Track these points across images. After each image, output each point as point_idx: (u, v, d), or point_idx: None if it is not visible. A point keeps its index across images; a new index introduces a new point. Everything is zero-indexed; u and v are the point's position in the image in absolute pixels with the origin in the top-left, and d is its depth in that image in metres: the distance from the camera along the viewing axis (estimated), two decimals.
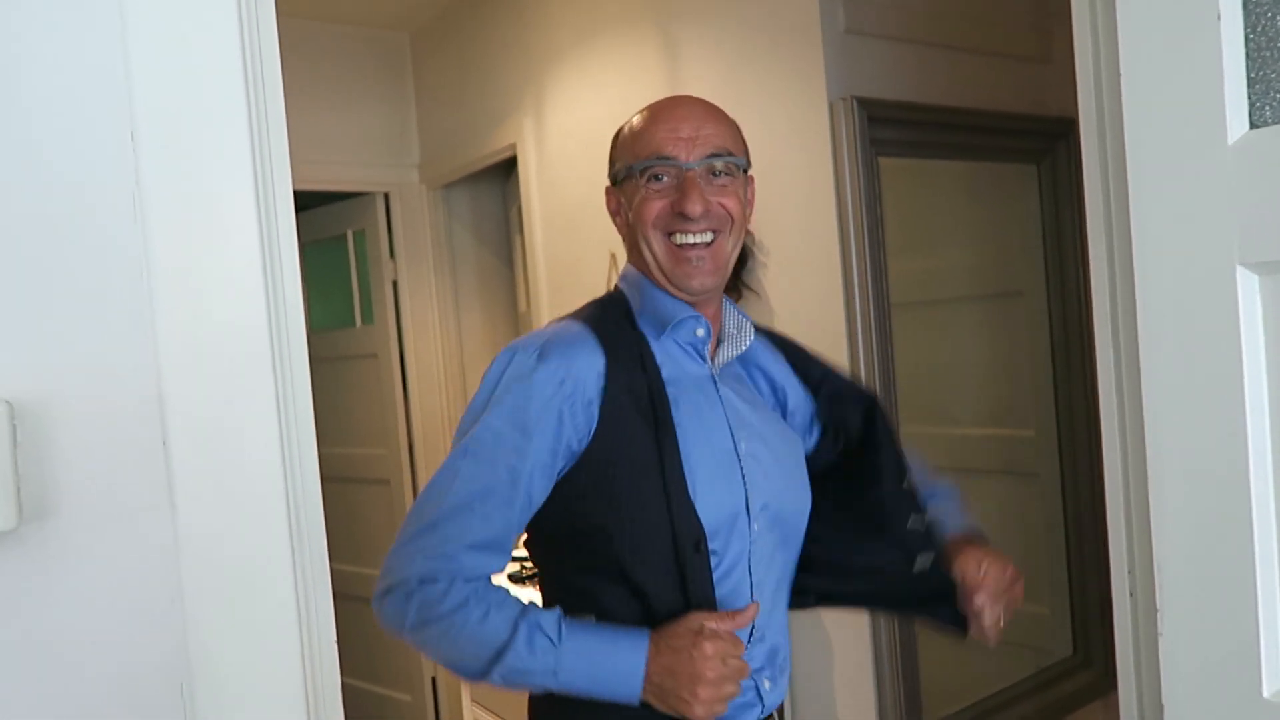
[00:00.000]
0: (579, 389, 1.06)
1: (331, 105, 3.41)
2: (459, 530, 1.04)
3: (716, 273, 1.13)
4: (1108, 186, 1.02)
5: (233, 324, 0.73)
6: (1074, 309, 2.42)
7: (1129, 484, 1.02)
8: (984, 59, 2.26)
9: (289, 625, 0.75)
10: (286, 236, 0.74)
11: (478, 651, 1.02)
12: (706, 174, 1.12)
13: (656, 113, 1.16)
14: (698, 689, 1.00)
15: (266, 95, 0.73)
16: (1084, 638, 2.44)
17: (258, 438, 0.75)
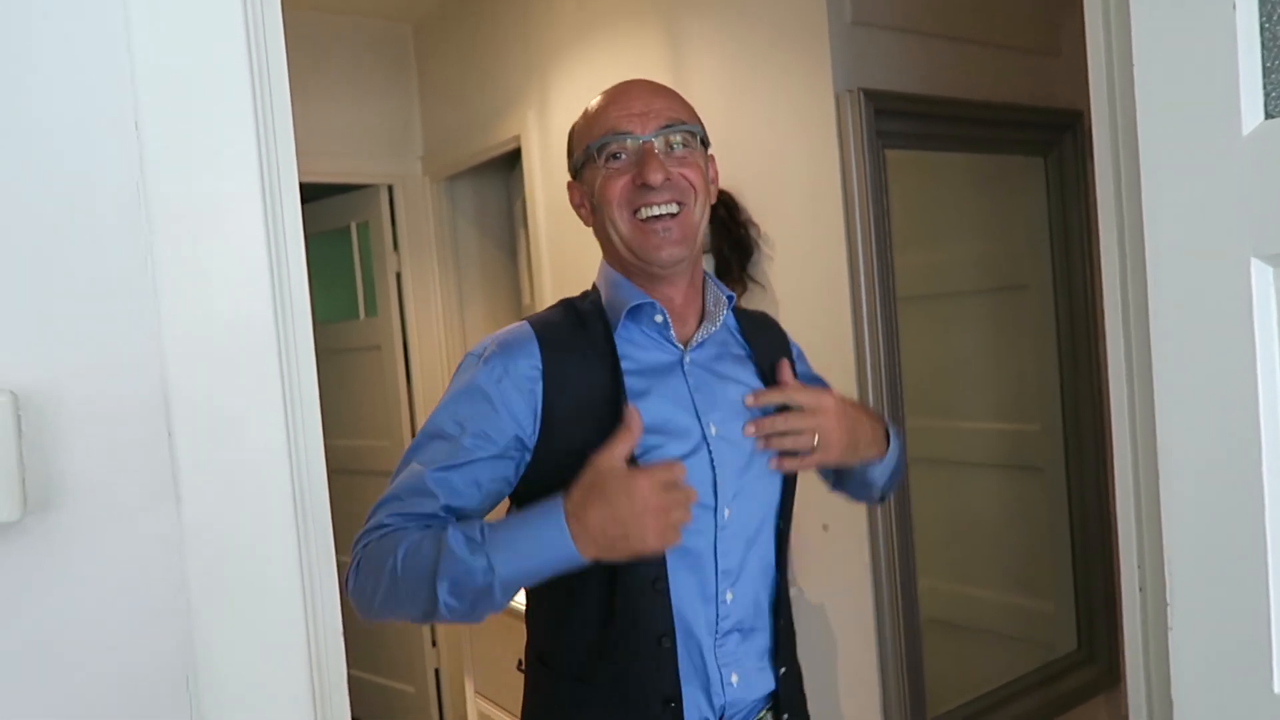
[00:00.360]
0: (517, 384, 1.11)
1: (334, 97, 3.40)
2: (395, 505, 1.09)
3: (685, 242, 1.14)
4: (1119, 178, 1.01)
5: (239, 315, 0.72)
6: (1080, 303, 2.41)
7: (1139, 478, 1.01)
8: (991, 51, 2.25)
9: (295, 618, 0.74)
10: (292, 226, 0.73)
11: (419, 577, 1.02)
12: (664, 146, 1.13)
13: (607, 96, 1.18)
14: (645, 520, 1.00)
15: (272, 84, 0.72)
16: (1088, 633, 2.44)
17: (264, 430, 0.74)
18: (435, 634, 3.62)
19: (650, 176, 1.10)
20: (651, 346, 1.17)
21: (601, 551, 1.02)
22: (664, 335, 1.17)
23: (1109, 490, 2.43)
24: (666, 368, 1.16)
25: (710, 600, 1.14)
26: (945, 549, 2.47)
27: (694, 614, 1.13)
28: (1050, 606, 2.50)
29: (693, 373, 1.16)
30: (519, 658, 2.26)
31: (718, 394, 1.17)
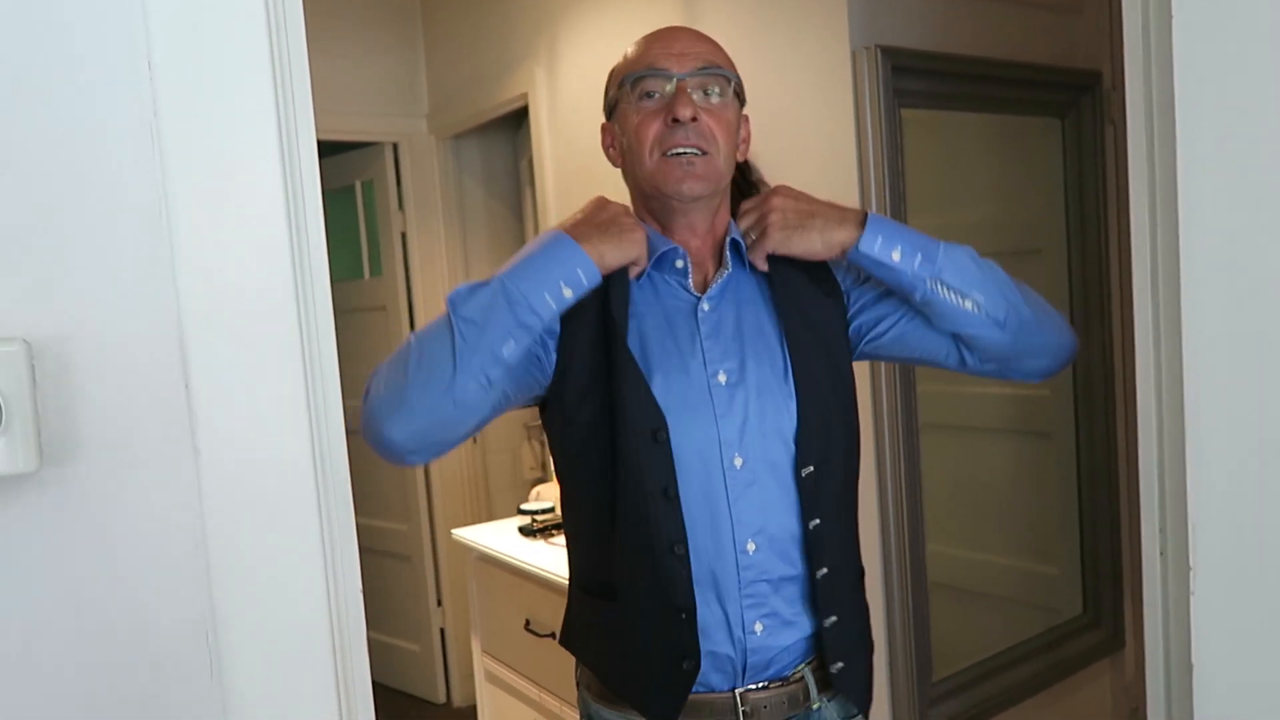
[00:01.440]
0: None
1: (340, 53, 3.35)
2: None
3: (706, 180, 1.15)
4: (1152, 136, 0.98)
5: (256, 265, 0.70)
6: (1094, 267, 2.38)
7: (1163, 442, 0.99)
8: (1011, 8, 2.20)
9: (314, 573, 0.74)
10: (310, 177, 0.71)
11: (436, 333, 1.05)
12: (698, 88, 1.15)
13: (648, 37, 1.21)
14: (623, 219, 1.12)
15: (288, 30, 0.70)
16: (1094, 598, 2.45)
17: (282, 382, 0.73)
18: (440, 593, 3.64)
19: (680, 110, 1.11)
20: (668, 293, 1.18)
21: (601, 238, 1.09)
22: (681, 283, 1.18)
23: (1117, 456, 2.43)
24: (682, 315, 1.17)
25: (729, 551, 1.14)
26: (953, 514, 2.46)
27: (714, 563, 1.14)
28: (1056, 571, 2.50)
29: (706, 320, 1.17)
30: (526, 617, 2.28)
31: (731, 342, 1.16)
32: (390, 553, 3.74)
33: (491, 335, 1.04)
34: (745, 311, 1.19)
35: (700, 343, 1.15)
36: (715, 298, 1.18)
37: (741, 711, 1.17)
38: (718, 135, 1.14)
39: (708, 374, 1.14)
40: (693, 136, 1.12)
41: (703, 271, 1.20)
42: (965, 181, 2.45)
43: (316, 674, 0.74)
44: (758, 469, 1.14)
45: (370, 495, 3.77)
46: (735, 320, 1.18)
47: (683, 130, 1.12)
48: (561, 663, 2.18)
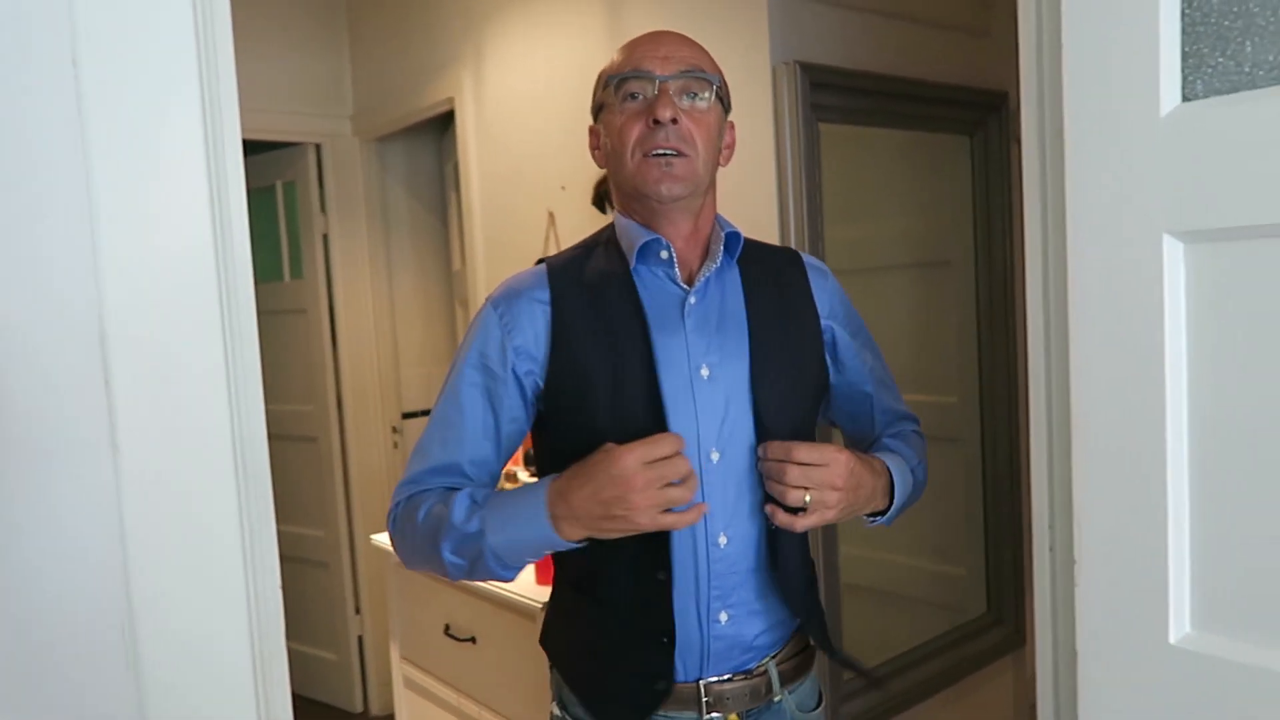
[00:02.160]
0: (518, 323, 1.18)
1: (262, 52, 3.30)
2: (428, 457, 1.20)
3: (685, 181, 1.16)
4: (1044, 155, 1.05)
5: (179, 257, 0.70)
6: (999, 280, 2.49)
7: (1053, 444, 1.06)
8: (924, 29, 2.29)
9: (234, 571, 0.74)
10: (235, 177, 0.72)
11: (432, 536, 1.13)
12: (680, 92, 1.16)
13: (635, 39, 1.21)
14: (630, 500, 1.03)
15: (216, 27, 0.70)
16: (997, 596, 2.55)
17: (205, 380, 0.73)
18: (359, 600, 3.59)
19: (660, 112, 1.13)
20: (657, 287, 1.20)
21: (590, 530, 1.07)
22: (669, 275, 1.20)
23: (1021, 461, 2.53)
24: (669, 307, 1.19)
25: (701, 543, 1.17)
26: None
27: (687, 554, 1.17)
28: (962, 572, 2.60)
29: (692, 314, 1.19)
30: (446, 622, 2.27)
31: (715, 336, 1.19)
32: (307, 559, 3.68)
33: (478, 574, 1.14)
34: (729, 305, 1.22)
35: (686, 336, 1.17)
36: (701, 291, 1.20)
37: (704, 702, 1.19)
38: (697, 138, 1.15)
39: (691, 368, 1.16)
40: (673, 138, 1.14)
41: (687, 266, 1.22)
42: (880, 195, 2.54)
43: (235, 670, 0.75)
44: (733, 463, 1.17)
45: (287, 501, 3.70)
46: (719, 314, 1.20)
47: (663, 131, 1.13)
48: (481, 666, 2.18)
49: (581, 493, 1.05)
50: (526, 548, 1.11)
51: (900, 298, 2.58)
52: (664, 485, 1.04)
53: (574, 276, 1.21)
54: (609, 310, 1.18)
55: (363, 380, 3.57)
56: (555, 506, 1.07)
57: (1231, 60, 0.86)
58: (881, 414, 1.37)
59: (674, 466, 1.05)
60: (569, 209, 2.55)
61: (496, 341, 1.18)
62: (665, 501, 1.04)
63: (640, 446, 1.04)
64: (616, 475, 1.03)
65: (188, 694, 0.72)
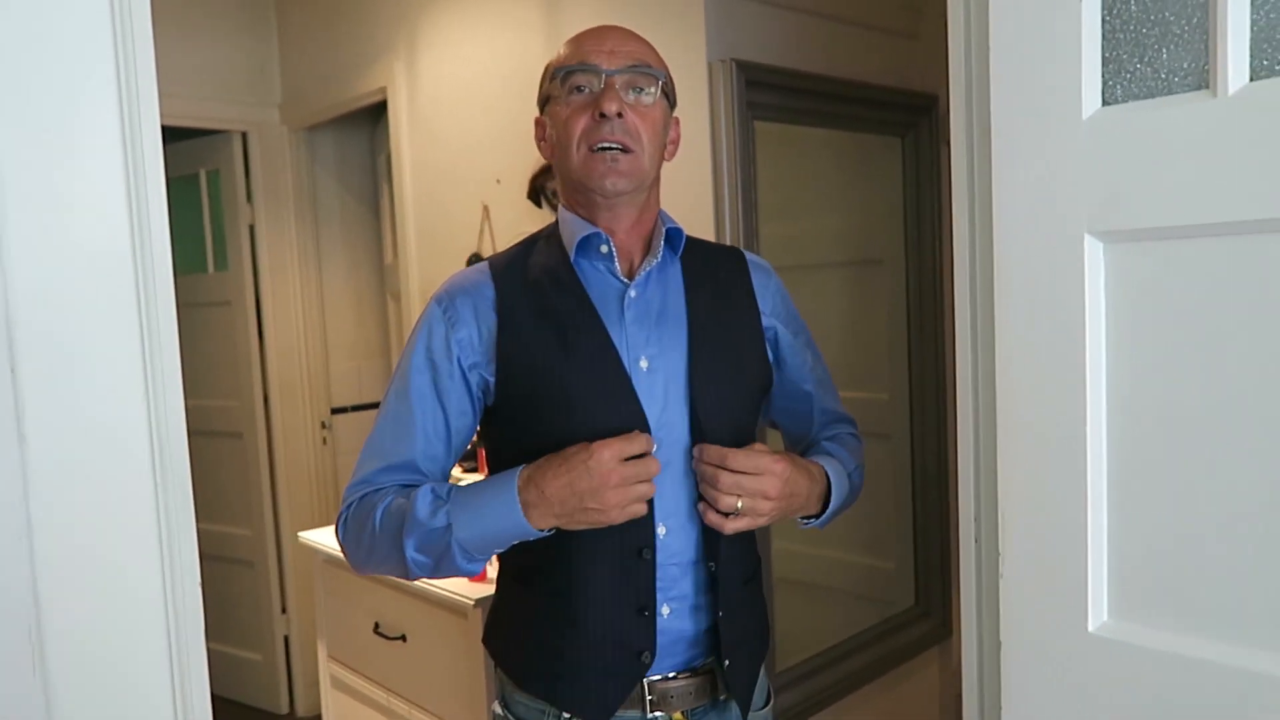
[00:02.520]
0: (462, 318, 1.18)
1: (185, 34, 3.19)
2: (380, 455, 1.19)
3: (629, 176, 1.16)
4: (972, 156, 1.07)
5: (92, 246, 0.67)
6: (929, 279, 2.54)
7: (979, 438, 1.08)
8: (857, 31, 2.32)
9: (150, 570, 0.71)
10: (152, 156, 0.69)
11: (393, 534, 1.12)
12: (626, 86, 1.16)
13: (582, 33, 1.21)
14: (604, 496, 1.06)
15: (133, 7, 0.67)
16: (925, 590, 2.60)
17: (118, 371, 0.70)
18: (285, 600, 3.51)
19: (606, 105, 1.13)
20: (597, 279, 1.20)
21: (561, 520, 1.08)
22: (609, 268, 1.20)
23: (949, 457, 2.59)
24: (609, 299, 1.19)
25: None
26: None
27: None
28: (891, 565, 2.65)
29: (632, 306, 1.19)
30: (375, 620, 2.24)
31: (655, 328, 1.19)
32: (232, 559, 3.58)
33: (442, 571, 1.13)
34: (670, 300, 1.22)
35: (625, 329, 1.18)
36: (642, 284, 1.20)
37: (648, 700, 1.19)
38: (643, 133, 1.16)
39: (630, 359, 1.17)
40: (618, 132, 1.14)
41: (628, 259, 1.23)
42: (813, 193, 2.57)
43: (150, 673, 0.72)
44: (672, 454, 1.17)
45: (211, 499, 3.60)
46: (660, 307, 1.21)
47: (608, 125, 1.13)
48: (411, 665, 2.15)
49: (556, 483, 1.07)
50: (496, 539, 1.11)
51: (833, 295, 2.61)
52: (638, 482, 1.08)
53: (517, 271, 1.22)
54: (553, 302, 1.18)
55: (291, 375, 3.49)
56: (526, 493, 1.08)
57: (1149, 66, 0.89)
58: (820, 414, 1.38)
59: (646, 466, 1.08)
60: (504, 202, 2.53)
61: (441, 337, 1.19)
62: (636, 497, 1.08)
63: (617, 443, 1.07)
64: (594, 468, 1.05)
65: (100, 699, 0.69)
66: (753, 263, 1.35)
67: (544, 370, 1.15)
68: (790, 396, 1.37)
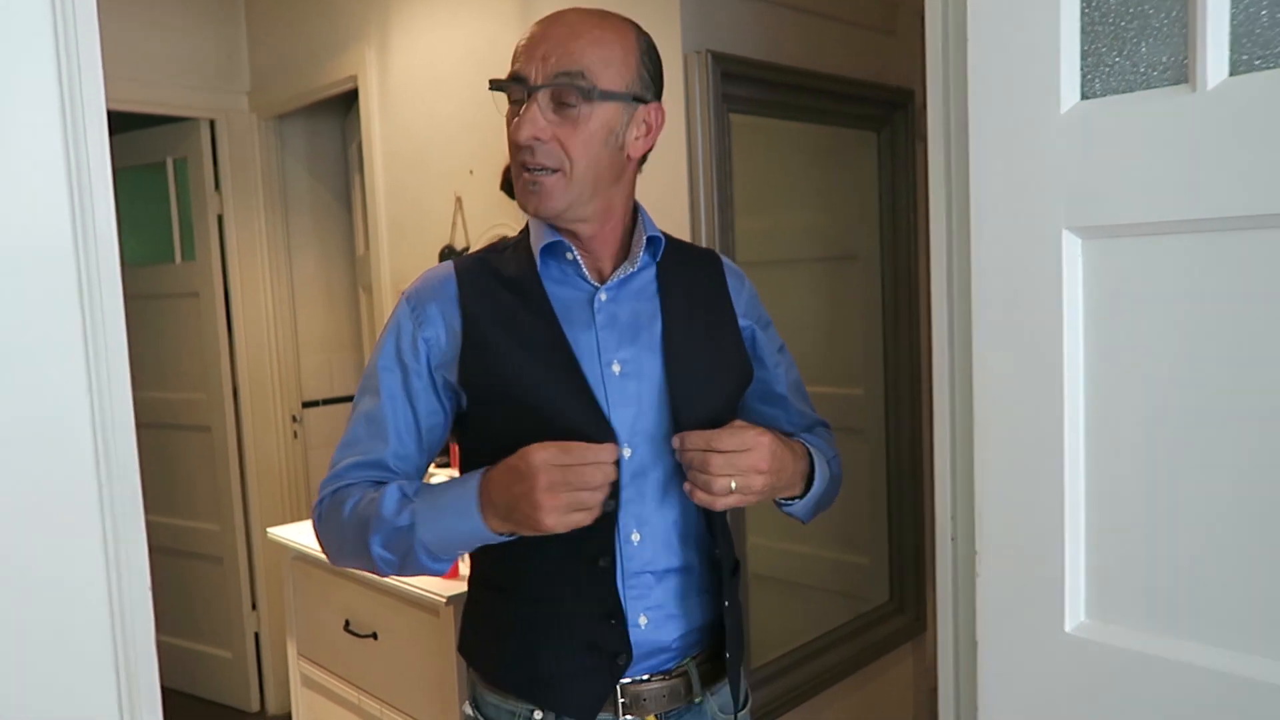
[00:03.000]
0: (429, 318, 1.17)
1: (154, 18, 3.13)
2: (353, 451, 1.18)
3: (557, 197, 1.11)
4: (949, 151, 1.06)
5: (30, 247, 0.64)
6: (904, 275, 2.53)
7: (956, 436, 1.07)
8: (833, 24, 2.31)
9: (94, 569, 0.68)
10: (96, 145, 0.66)
11: (360, 532, 1.11)
12: (550, 100, 1.09)
13: (533, 26, 1.14)
14: (536, 499, 1.01)
15: None
16: (899, 585, 2.60)
17: (59, 364, 0.66)
18: (255, 597, 3.46)
19: (516, 133, 1.08)
20: (566, 284, 1.18)
21: (508, 526, 1.06)
22: (577, 272, 1.17)
23: (923, 452, 2.59)
24: (578, 304, 1.17)
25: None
26: (772, 508, 2.56)
27: None
28: (866, 561, 2.65)
29: (603, 310, 1.17)
30: (346, 618, 2.20)
31: (628, 334, 1.17)
32: (200, 554, 3.53)
33: (408, 569, 1.12)
34: (645, 305, 1.19)
35: (596, 332, 1.15)
36: (614, 289, 1.17)
37: (620, 704, 1.17)
38: (570, 153, 1.08)
39: (602, 363, 1.14)
40: (539, 156, 1.08)
41: (598, 262, 1.19)
42: (789, 187, 2.55)
43: (95, 681, 0.69)
44: (645, 460, 1.15)
45: (179, 494, 3.54)
46: (632, 313, 1.18)
47: (528, 151, 1.08)
48: (382, 663, 2.12)
49: (498, 489, 1.05)
50: (457, 540, 1.10)
51: (808, 291, 2.60)
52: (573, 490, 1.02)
53: (481, 274, 1.19)
54: (517, 307, 1.16)
55: (260, 367, 3.44)
56: (482, 496, 1.07)
57: (1128, 60, 0.88)
58: (795, 417, 1.37)
59: (580, 474, 1.02)
60: (477, 194, 2.50)
61: (409, 336, 1.17)
62: (575, 504, 1.02)
63: (553, 448, 1.03)
64: (524, 471, 1.02)
65: (40, 704, 0.66)
66: (728, 267, 1.34)
67: (504, 375, 1.13)
68: (764, 399, 1.36)
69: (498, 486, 1.05)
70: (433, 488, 1.12)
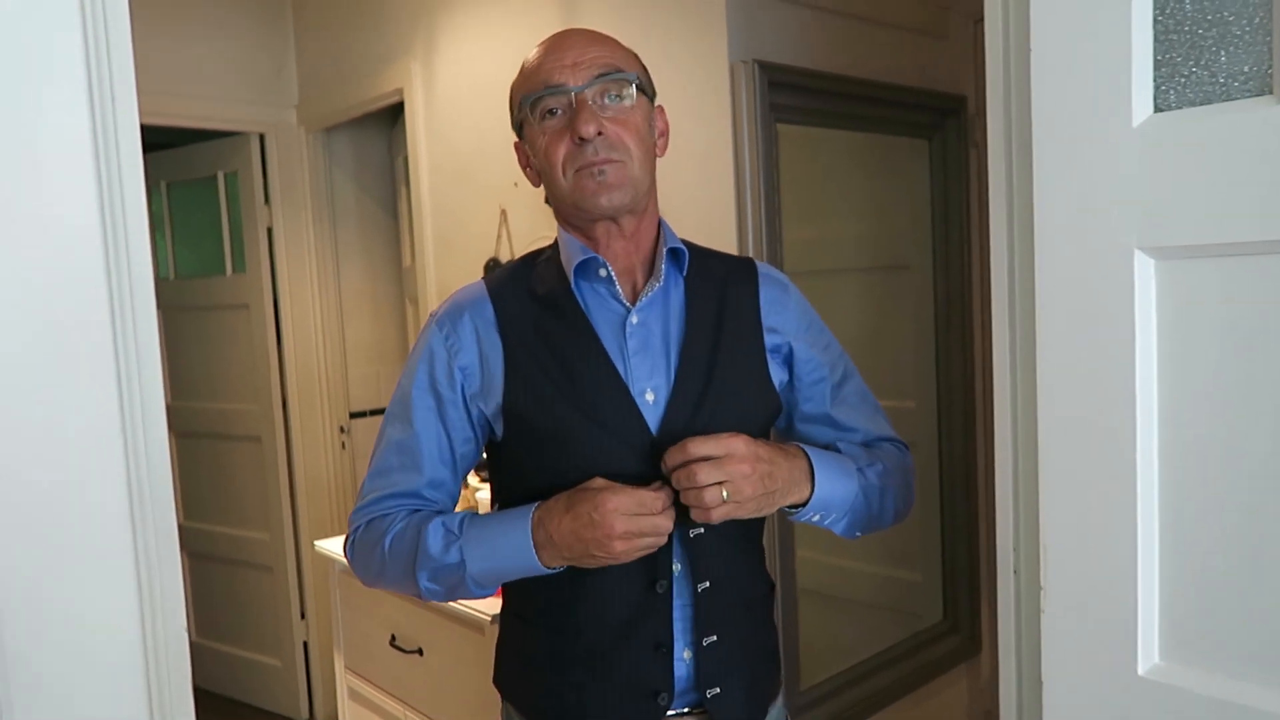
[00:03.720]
0: (463, 344, 1.15)
1: (205, 34, 3.17)
2: (386, 483, 1.17)
3: (622, 188, 1.11)
4: (1010, 163, 1.01)
5: (61, 269, 0.63)
6: (957, 285, 2.47)
7: (1018, 464, 1.02)
8: (882, 30, 2.26)
9: (127, 606, 0.66)
10: (131, 172, 0.64)
11: (405, 562, 1.11)
12: (599, 97, 1.10)
13: (542, 48, 1.15)
14: (609, 546, 1.03)
15: (106, 8, 0.62)
16: (953, 604, 2.53)
17: (90, 396, 0.65)
18: (304, 606, 3.49)
19: (583, 128, 1.07)
20: (599, 305, 1.15)
21: (569, 560, 1.07)
22: (610, 292, 1.15)
23: (976, 467, 2.52)
24: (611, 327, 1.14)
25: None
26: None
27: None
28: (918, 578, 2.58)
29: (634, 334, 1.13)
30: (391, 633, 2.20)
31: (659, 357, 1.14)
32: (251, 563, 3.57)
33: (455, 596, 1.13)
34: (672, 326, 1.16)
35: (628, 359, 1.13)
36: (644, 309, 1.15)
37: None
38: (627, 141, 1.10)
39: (635, 392, 1.12)
40: (601, 150, 1.09)
41: (631, 280, 1.17)
42: (838, 197, 2.50)
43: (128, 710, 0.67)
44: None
45: (230, 503, 3.58)
46: (663, 333, 1.15)
47: (590, 146, 1.08)
48: (428, 679, 2.11)
49: (563, 528, 1.05)
50: (509, 574, 1.11)
51: (858, 301, 2.55)
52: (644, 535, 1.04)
53: (517, 294, 1.17)
54: (556, 331, 1.14)
55: (309, 378, 3.46)
56: (537, 534, 1.06)
57: (1205, 70, 0.83)
58: (853, 434, 1.26)
59: (654, 524, 1.04)
60: (521, 206, 2.49)
61: (444, 363, 1.16)
62: (642, 548, 1.05)
63: (627, 497, 1.03)
64: (599, 520, 1.02)
65: None
66: (766, 276, 1.26)
67: (550, 404, 1.11)
68: (809, 417, 1.27)
69: (561, 530, 1.05)
70: (480, 523, 1.11)
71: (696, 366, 1.15)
